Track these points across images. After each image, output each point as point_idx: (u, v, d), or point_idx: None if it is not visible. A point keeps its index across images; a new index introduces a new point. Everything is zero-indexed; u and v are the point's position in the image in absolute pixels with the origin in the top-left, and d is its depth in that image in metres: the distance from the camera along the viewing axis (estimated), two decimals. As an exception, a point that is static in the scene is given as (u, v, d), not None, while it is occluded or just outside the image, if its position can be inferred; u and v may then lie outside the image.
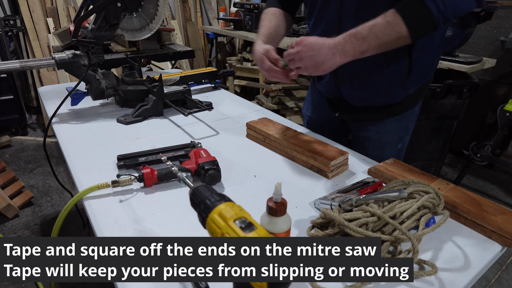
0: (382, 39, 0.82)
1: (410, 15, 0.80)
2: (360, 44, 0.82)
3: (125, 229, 0.74)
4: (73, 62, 1.24)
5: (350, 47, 0.83)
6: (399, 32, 0.81)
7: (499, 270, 1.87)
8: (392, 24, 0.80)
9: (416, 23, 0.81)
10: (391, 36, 0.81)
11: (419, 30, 0.82)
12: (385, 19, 0.81)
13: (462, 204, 0.78)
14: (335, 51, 0.83)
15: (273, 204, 0.59)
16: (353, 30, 0.83)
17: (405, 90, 1.05)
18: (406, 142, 1.19)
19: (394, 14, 0.81)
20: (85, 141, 1.13)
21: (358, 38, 0.82)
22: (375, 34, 0.81)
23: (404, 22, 0.80)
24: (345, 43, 0.83)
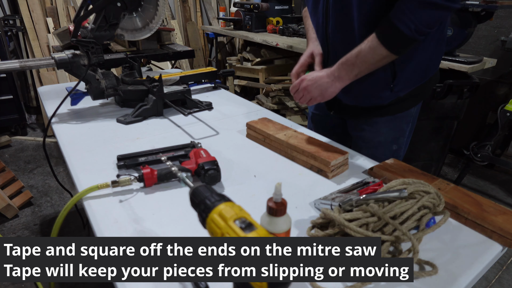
0: (369, 62, 0.92)
1: (387, 38, 0.88)
2: (351, 70, 0.95)
3: (125, 229, 0.73)
4: (72, 62, 1.24)
5: (344, 73, 0.96)
6: (382, 54, 0.90)
7: (500, 270, 1.87)
8: (374, 49, 0.90)
9: (394, 44, 0.89)
10: (376, 58, 0.91)
11: (399, 49, 0.90)
12: (367, 44, 0.91)
13: (462, 204, 0.77)
14: (333, 78, 0.97)
15: (273, 204, 0.59)
16: (343, 59, 0.96)
17: (394, 93, 1.06)
18: (402, 144, 1.19)
19: (374, 39, 0.89)
20: (85, 141, 1.13)
21: (349, 65, 0.95)
22: (362, 59, 0.92)
23: (383, 45, 0.88)
24: (338, 70, 0.97)
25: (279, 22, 3.17)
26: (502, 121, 2.28)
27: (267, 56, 3.21)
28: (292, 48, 2.59)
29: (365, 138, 1.18)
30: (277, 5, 3.27)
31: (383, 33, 0.88)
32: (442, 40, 1.03)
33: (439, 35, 1.00)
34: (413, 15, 0.82)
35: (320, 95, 1.00)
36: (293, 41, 2.73)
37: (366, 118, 1.15)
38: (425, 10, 0.81)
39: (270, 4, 3.16)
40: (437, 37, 1.00)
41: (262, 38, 2.85)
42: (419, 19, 0.82)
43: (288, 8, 3.36)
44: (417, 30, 0.83)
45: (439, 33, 1.00)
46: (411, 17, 0.82)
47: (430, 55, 1.02)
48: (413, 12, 0.81)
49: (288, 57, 3.25)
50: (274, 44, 2.73)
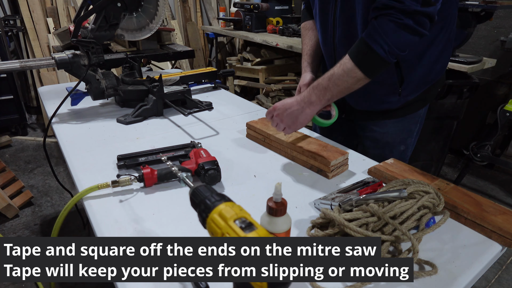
0: (341, 86, 0.89)
1: (362, 60, 0.86)
2: (324, 94, 0.91)
3: (125, 229, 0.74)
4: (73, 62, 1.24)
5: (315, 98, 0.92)
6: (356, 77, 0.88)
7: (499, 270, 1.87)
8: (348, 71, 0.87)
9: (368, 66, 0.87)
10: (349, 81, 0.88)
11: (373, 71, 0.88)
12: (341, 67, 0.88)
13: (462, 204, 0.78)
14: (303, 104, 0.93)
15: (273, 204, 0.59)
16: (315, 83, 0.93)
17: (403, 97, 1.06)
18: (410, 145, 1.19)
19: (348, 60, 0.88)
20: (85, 141, 1.13)
21: (320, 89, 0.91)
22: (335, 82, 0.89)
23: (358, 67, 0.87)
24: (309, 95, 0.93)
25: (279, 22, 3.17)
26: (501, 121, 2.28)
27: (267, 56, 3.21)
28: (292, 48, 2.59)
29: (373, 139, 1.19)
30: (277, 5, 3.27)
31: (357, 54, 0.87)
32: (449, 43, 1.02)
33: (446, 38, 1.00)
34: (388, 37, 0.82)
35: (293, 124, 0.95)
36: (293, 41, 2.73)
37: (377, 119, 1.16)
38: (400, 33, 0.82)
39: (270, 4, 3.16)
40: (445, 40, 1.00)
41: (262, 38, 2.85)
42: (392, 41, 0.82)
43: (288, 8, 3.36)
44: (390, 51, 0.84)
45: (447, 36, 0.99)
46: (386, 39, 0.82)
47: (437, 59, 1.02)
48: (388, 34, 0.82)
49: (288, 57, 3.25)
50: (274, 44, 2.73)
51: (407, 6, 0.79)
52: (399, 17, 0.80)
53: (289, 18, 3.24)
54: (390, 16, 0.81)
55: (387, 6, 0.81)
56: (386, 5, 0.81)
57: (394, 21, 0.81)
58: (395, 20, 0.81)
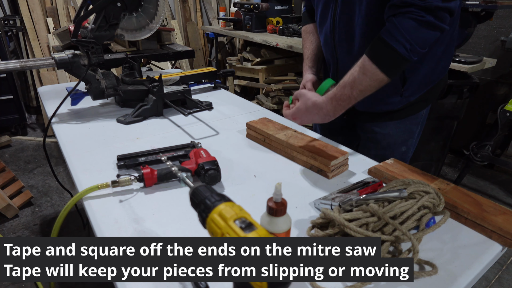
0: (365, 90, 0.86)
1: (382, 61, 0.83)
2: (348, 103, 0.88)
3: (125, 229, 0.74)
4: (73, 62, 1.24)
5: (340, 108, 0.89)
6: (378, 79, 0.85)
7: (500, 270, 1.87)
8: (369, 74, 0.84)
9: (390, 66, 0.84)
10: (372, 85, 0.86)
11: (395, 71, 0.85)
12: (361, 71, 0.85)
13: (462, 204, 0.78)
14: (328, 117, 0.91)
15: (273, 204, 0.59)
16: (338, 93, 0.88)
17: (404, 98, 1.06)
18: (411, 146, 1.19)
19: (368, 62, 0.84)
20: (85, 141, 1.13)
21: (345, 100, 0.87)
22: (359, 89, 0.86)
23: (379, 69, 0.83)
24: (334, 108, 0.89)
25: (279, 22, 3.17)
26: (502, 121, 2.28)
27: (267, 56, 3.21)
28: (292, 48, 2.59)
29: (375, 140, 1.18)
30: (277, 5, 3.27)
31: (377, 54, 0.84)
32: (452, 42, 1.02)
33: (449, 38, 0.99)
34: (409, 34, 0.80)
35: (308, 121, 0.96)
36: (293, 41, 2.73)
37: (376, 121, 1.16)
38: (421, 30, 0.80)
39: (270, 4, 3.16)
40: (447, 40, 1.00)
41: (262, 38, 2.85)
42: (414, 39, 0.80)
43: (288, 8, 3.36)
44: (412, 50, 0.81)
45: (449, 36, 0.99)
46: (407, 36, 0.80)
47: (440, 59, 1.02)
48: (409, 32, 0.80)
49: (288, 57, 3.25)
50: (274, 44, 2.73)
51: (429, 2, 0.77)
52: (421, 14, 0.78)
53: (289, 18, 3.24)
54: (411, 13, 0.79)
55: (407, 4, 0.79)
56: (406, 2, 0.79)
57: (415, 19, 0.79)
58: (417, 18, 0.78)
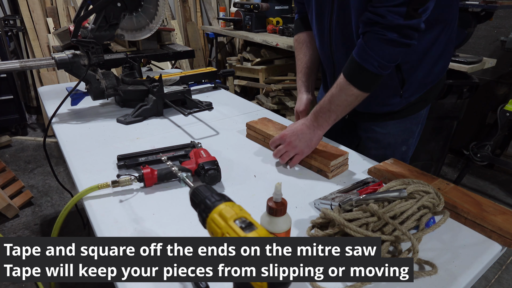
0: (342, 105, 0.92)
1: (355, 78, 0.89)
2: (329, 116, 0.94)
3: (125, 229, 0.74)
4: (73, 62, 1.24)
5: (322, 121, 0.95)
6: (353, 94, 0.91)
7: (499, 270, 1.87)
8: (344, 90, 0.91)
9: (362, 82, 0.90)
10: (348, 100, 0.91)
11: (368, 86, 0.91)
12: (338, 88, 0.92)
13: (462, 204, 0.78)
14: (313, 128, 0.96)
15: (273, 204, 0.59)
16: (317, 107, 0.96)
17: (404, 99, 1.06)
18: (411, 146, 1.19)
19: (343, 80, 0.90)
20: (85, 141, 1.13)
21: (324, 112, 0.94)
22: (336, 104, 0.92)
23: (353, 85, 0.89)
24: (315, 119, 0.96)
25: (279, 22, 3.17)
26: (501, 121, 2.28)
27: (267, 56, 3.21)
28: (292, 48, 2.59)
29: (375, 139, 1.18)
30: (277, 5, 3.27)
31: (350, 73, 0.89)
32: (450, 43, 1.02)
33: (447, 39, 0.99)
34: (375, 53, 0.84)
35: (307, 147, 0.96)
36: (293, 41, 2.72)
37: (376, 120, 1.16)
38: (386, 48, 0.84)
39: (270, 4, 3.16)
40: (445, 41, 0.99)
41: (262, 38, 2.85)
42: (381, 56, 0.85)
43: (288, 8, 3.36)
44: (380, 66, 0.86)
45: (447, 37, 0.99)
46: (373, 55, 0.84)
47: (438, 59, 1.02)
48: (375, 50, 0.84)
49: (288, 57, 3.25)
50: (274, 44, 2.73)
51: (390, 21, 0.80)
52: (383, 33, 0.82)
53: (289, 18, 3.24)
54: (375, 33, 0.83)
55: (371, 21, 0.83)
56: (371, 20, 0.83)
57: (379, 38, 0.83)
58: (380, 37, 0.82)
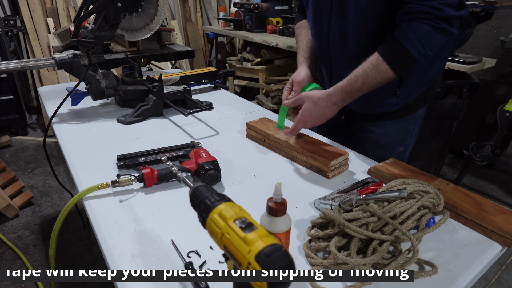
0: (374, 85, 0.91)
1: (396, 62, 0.88)
2: (357, 95, 0.93)
3: (125, 229, 0.74)
4: (73, 62, 1.24)
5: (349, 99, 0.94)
6: (387, 77, 0.90)
7: (499, 270, 1.87)
8: (382, 73, 0.89)
9: (402, 67, 0.90)
10: (381, 81, 0.91)
11: (403, 70, 0.91)
12: (374, 69, 0.89)
13: (462, 204, 0.78)
14: (335, 108, 0.95)
15: (273, 204, 0.59)
16: (347, 86, 0.92)
17: (401, 99, 1.06)
18: (408, 146, 1.19)
19: (382, 62, 0.88)
20: (85, 141, 1.13)
21: (355, 92, 0.92)
22: (369, 84, 0.91)
23: (391, 68, 0.88)
24: (342, 99, 0.94)
25: (279, 22, 3.17)
26: (501, 121, 2.28)
27: (267, 56, 3.21)
28: (292, 48, 2.59)
29: (372, 140, 1.19)
30: (277, 5, 3.27)
31: (392, 55, 0.88)
32: (448, 43, 1.03)
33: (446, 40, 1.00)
34: (424, 39, 0.84)
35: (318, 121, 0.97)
36: (293, 41, 2.72)
37: (373, 121, 1.16)
38: (435, 36, 0.84)
39: (270, 4, 3.16)
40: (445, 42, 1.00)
41: (262, 38, 2.85)
42: (429, 44, 0.84)
43: (288, 8, 3.36)
44: (424, 54, 0.86)
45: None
46: (422, 41, 0.84)
47: (435, 59, 1.02)
48: (424, 37, 0.83)
49: (288, 57, 3.25)
50: (274, 44, 2.73)
51: (446, 13, 0.81)
52: (437, 22, 0.82)
53: (289, 18, 3.24)
54: (428, 20, 0.82)
55: (422, 12, 0.82)
56: (421, 11, 0.82)
57: (431, 25, 0.82)
58: (433, 24, 0.82)
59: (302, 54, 1.15)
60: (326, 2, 0.98)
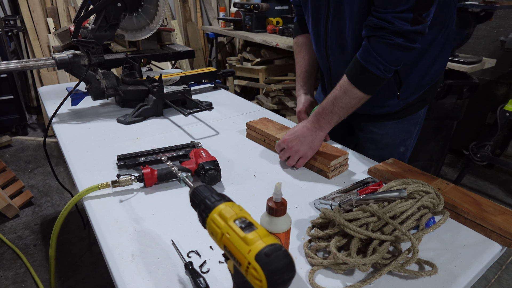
0: (345, 107, 0.93)
1: (359, 81, 0.90)
2: (331, 117, 0.95)
3: (125, 229, 0.74)
4: (73, 62, 1.24)
5: (324, 122, 0.96)
6: (357, 97, 0.91)
7: (499, 270, 1.87)
8: (348, 93, 0.91)
9: (366, 85, 0.91)
10: (351, 102, 0.92)
11: (372, 89, 0.92)
12: (341, 90, 0.92)
13: (462, 204, 0.78)
14: (315, 130, 0.96)
15: (273, 204, 0.59)
16: (319, 109, 0.96)
17: (402, 100, 1.06)
18: (409, 146, 1.19)
19: (347, 83, 0.91)
20: (85, 141, 1.13)
21: (327, 114, 0.95)
22: (339, 106, 0.93)
23: (357, 88, 0.90)
24: (317, 121, 0.96)
25: (279, 23, 3.17)
26: (501, 121, 2.28)
27: (267, 56, 3.21)
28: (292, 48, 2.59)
29: (372, 140, 1.18)
30: (277, 6, 3.27)
31: (355, 76, 0.90)
32: (448, 43, 1.02)
33: (445, 39, 1.00)
34: (381, 57, 0.85)
35: (310, 149, 0.96)
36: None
37: (374, 121, 1.16)
38: (393, 52, 0.85)
39: (270, 5, 3.16)
40: (443, 41, 1.00)
41: (262, 39, 2.85)
42: (387, 60, 0.86)
43: (288, 9, 3.36)
44: (386, 69, 0.87)
45: (445, 37, 0.99)
46: (380, 59, 0.86)
47: (436, 60, 1.02)
48: (381, 55, 0.85)
49: (288, 57, 3.25)
50: (274, 44, 2.73)
51: (398, 27, 0.81)
52: (390, 38, 0.83)
53: (289, 18, 3.24)
54: (382, 37, 0.84)
55: (378, 27, 0.84)
56: (377, 25, 0.84)
57: (386, 42, 0.84)
58: (387, 41, 0.83)
59: (299, 81, 1.21)
60: (323, 6, 0.99)
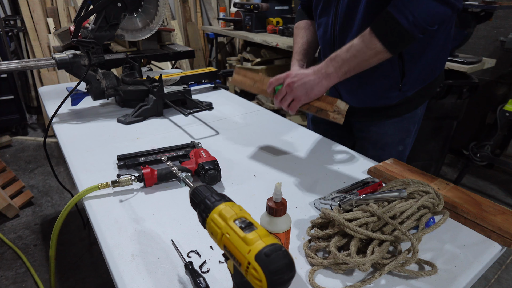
0: (360, 57, 0.86)
1: (382, 31, 0.83)
2: (341, 66, 0.88)
3: (125, 229, 0.74)
4: (73, 62, 1.24)
5: (332, 70, 0.88)
6: (375, 49, 0.84)
7: (499, 270, 1.87)
8: (367, 42, 0.84)
9: (389, 37, 0.83)
10: (368, 53, 0.85)
11: (394, 44, 0.84)
12: (361, 39, 0.85)
13: (462, 204, 0.78)
14: (320, 75, 0.89)
15: (273, 204, 0.59)
16: (333, 54, 0.89)
17: (402, 92, 1.06)
18: (408, 145, 1.19)
19: (369, 32, 0.84)
20: (85, 141, 1.13)
21: (338, 61, 0.88)
22: (353, 54, 0.86)
23: (378, 38, 0.83)
24: (326, 67, 0.89)
25: (279, 23, 3.17)
26: (501, 121, 2.28)
27: (267, 56, 3.21)
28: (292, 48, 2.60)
29: (371, 140, 1.18)
30: (277, 6, 3.27)
31: (379, 25, 0.83)
32: (449, 39, 1.02)
33: (446, 34, 1.00)
34: (414, 7, 0.77)
35: (305, 95, 0.90)
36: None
37: (373, 120, 1.15)
38: (429, 3, 0.77)
39: (270, 5, 3.16)
40: (444, 36, 1.00)
41: (262, 39, 2.86)
42: (419, 12, 0.78)
43: (288, 9, 3.36)
44: (415, 23, 0.79)
45: (446, 33, 0.99)
46: (411, 8, 0.77)
47: (437, 54, 1.02)
48: (414, 4, 0.77)
49: (288, 57, 3.25)
50: (274, 45, 2.73)
51: None
52: None
53: (289, 18, 3.24)
54: None
55: None
56: None
57: None
58: None
59: (296, 57, 1.15)
60: None
